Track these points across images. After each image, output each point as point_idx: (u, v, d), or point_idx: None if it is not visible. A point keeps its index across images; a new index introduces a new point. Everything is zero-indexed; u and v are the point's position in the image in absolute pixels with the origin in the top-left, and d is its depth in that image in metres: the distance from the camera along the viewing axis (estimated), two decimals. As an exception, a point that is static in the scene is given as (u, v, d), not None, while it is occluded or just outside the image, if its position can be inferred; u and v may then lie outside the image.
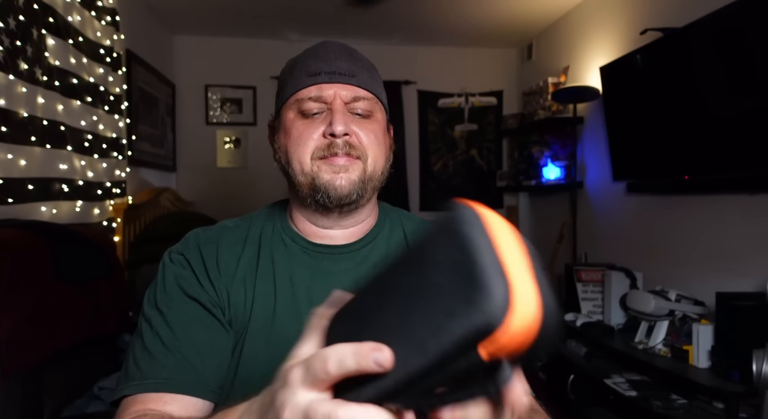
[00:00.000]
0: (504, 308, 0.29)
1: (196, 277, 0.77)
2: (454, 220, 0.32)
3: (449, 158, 4.43)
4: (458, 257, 0.31)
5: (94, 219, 2.39)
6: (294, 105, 0.79)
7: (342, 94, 0.77)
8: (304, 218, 0.83)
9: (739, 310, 1.82)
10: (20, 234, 1.62)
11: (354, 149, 0.77)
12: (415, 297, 0.32)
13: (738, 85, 2.03)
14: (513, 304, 0.29)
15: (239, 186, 3.97)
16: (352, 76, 0.78)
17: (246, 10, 3.48)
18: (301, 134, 0.77)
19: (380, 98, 0.83)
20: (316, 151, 0.77)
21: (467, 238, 0.31)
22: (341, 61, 0.79)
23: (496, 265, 0.30)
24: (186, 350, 0.72)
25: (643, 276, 2.61)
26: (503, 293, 0.29)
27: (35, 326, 1.52)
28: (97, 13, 2.51)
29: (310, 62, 0.79)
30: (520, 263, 0.31)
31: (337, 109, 0.76)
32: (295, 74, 0.80)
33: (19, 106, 1.83)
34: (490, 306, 0.29)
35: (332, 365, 0.32)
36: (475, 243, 0.31)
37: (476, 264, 0.30)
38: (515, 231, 0.33)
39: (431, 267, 0.32)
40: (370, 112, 0.80)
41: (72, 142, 2.18)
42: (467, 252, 0.30)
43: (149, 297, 0.78)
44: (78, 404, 1.79)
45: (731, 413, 1.73)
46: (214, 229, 0.84)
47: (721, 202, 2.23)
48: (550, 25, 3.83)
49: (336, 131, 0.75)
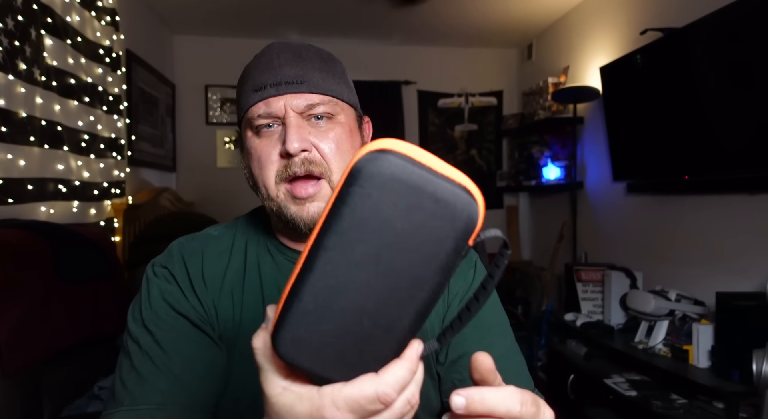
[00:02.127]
0: (473, 203, 0.33)
1: (183, 293, 0.73)
2: (371, 179, 0.32)
3: (449, 158, 4.42)
4: (409, 200, 0.32)
5: (91, 219, 2.38)
6: (247, 123, 0.73)
7: (293, 104, 0.70)
8: (282, 234, 0.80)
9: (739, 310, 1.82)
10: (20, 235, 1.62)
11: (315, 165, 0.70)
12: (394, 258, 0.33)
13: (738, 85, 2.03)
14: (474, 195, 0.33)
15: (239, 186, 3.94)
16: (300, 83, 0.71)
17: (246, 10, 3.48)
18: (260, 156, 0.72)
19: (340, 96, 0.74)
20: (277, 173, 0.71)
21: (399, 180, 0.32)
22: (286, 67, 0.71)
23: (439, 177, 0.33)
24: (179, 369, 0.68)
25: (643, 276, 2.61)
26: (464, 193, 0.33)
27: (35, 326, 1.52)
28: (96, 13, 2.51)
29: (255, 74, 0.72)
30: (441, 162, 0.33)
31: (290, 123, 0.70)
32: (244, 88, 0.73)
33: (18, 106, 1.83)
34: (464, 208, 0.33)
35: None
36: (407, 182, 0.32)
37: (429, 191, 0.32)
38: (409, 145, 0.33)
39: (387, 224, 0.33)
40: (331, 114, 0.73)
41: (69, 142, 2.18)
42: (413, 191, 0.32)
43: (134, 314, 0.73)
44: (78, 404, 1.79)
45: (731, 413, 1.73)
46: (198, 239, 0.80)
47: (721, 201, 2.23)
48: (550, 25, 3.83)
49: (290, 150, 0.68)
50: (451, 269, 0.34)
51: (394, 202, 0.32)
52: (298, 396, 0.37)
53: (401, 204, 0.32)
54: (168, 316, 0.72)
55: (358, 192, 0.32)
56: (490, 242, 3.87)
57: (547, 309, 3.23)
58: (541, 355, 3.21)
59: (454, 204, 0.32)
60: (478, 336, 0.76)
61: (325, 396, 0.36)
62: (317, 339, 0.35)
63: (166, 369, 0.68)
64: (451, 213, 0.32)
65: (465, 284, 0.82)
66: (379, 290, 0.34)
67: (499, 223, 4.43)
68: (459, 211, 0.33)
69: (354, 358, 0.36)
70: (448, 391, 0.76)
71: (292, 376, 0.38)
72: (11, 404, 1.47)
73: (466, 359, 0.74)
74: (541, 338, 3.20)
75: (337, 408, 0.35)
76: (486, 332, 0.77)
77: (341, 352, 0.35)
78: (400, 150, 0.32)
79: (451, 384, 0.75)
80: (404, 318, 0.35)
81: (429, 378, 0.77)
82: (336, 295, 0.34)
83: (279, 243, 0.80)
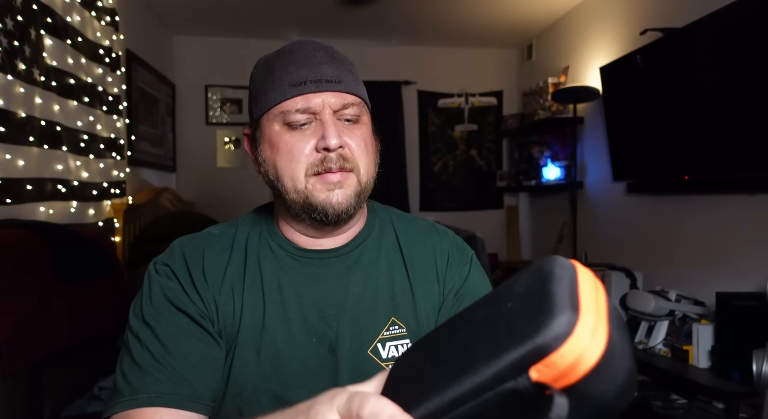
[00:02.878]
0: (564, 333, 0.28)
1: (183, 289, 0.75)
2: (543, 262, 0.33)
3: (449, 158, 4.43)
4: (535, 288, 0.31)
5: (90, 219, 2.38)
6: (278, 117, 0.74)
7: (331, 102, 0.73)
8: (293, 229, 0.80)
9: (739, 310, 1.82)
10: (20, 235, 1.62)
11: (347, 162, 0.73)
12: (484, 325, 0.33)
13: (738, 86, 2.03)
14: (575, 331, 0.28)
15: (239, 186, 3.96)
16: (338, 82, 0.74)
17: (246, 10, 3.48)
18: (292, 149, 0.73)
19: (366, 100, 0.79)
20: (309, 167, 0.73)
21: (549, 272, 0.31)
22: (325, 65, 0.74)
23: (571, 296, 0.30)
24: (177, 364, 0.69)
25: (643, 276, 2.61)
26: (567, 319, 0.28)
27: (35, 326, 1.52)
28: (96, 13, 2.51)
29: (292, 69, 0.73)
30: (598, 303, 0.30)
31: (328, 120, 0.72)
32: (276, 83, 0.74)
33: (18, 106, 1.83)
34: (550, 327, 0.28)
35: (366, 412, 0.33)
36: (555, 276, 0.31)
37: (549, 291, 0.30)
38: (601, 285, 0.32)
39: (507, 298, 0.33)
40: (358, 116, 0.76)
41: (67, 142, 2.18)
42: (545, 282, 0.31)
43: (135, 311, 0.75)
44: (78, 404, 1.79)
45: (731, 413, 1.73)
46: (199, 237, 0.82)
47: (721, 202, 2.23)
48: (550, 25, 3.83)
49: (331, 145, 0.71)
50: (498, 386, 0.30)
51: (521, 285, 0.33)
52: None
53: (520, 289, 0.33)
54: (168, 312, 0.73)
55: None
56: (492, 246, 3.87)
57: (547, 309, 3.23)
58: (541, 355, 3.21)
59: (551, 308, 0.30)
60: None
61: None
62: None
63: (165, 363, 0.69)
64: (541, 315, 0.30)
65: (460, 279, 0.83)
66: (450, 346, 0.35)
67: (499, 223, 4.43)
68: (548, 320, 0.29)
69: (407, 391, 0.36)
70: None
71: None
72: (11, 404, 1.47)
73: None
74: (541, 338, 3.19)
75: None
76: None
77: (407, 382, 0.37)
78: (576, 265, 0.32)
79: None
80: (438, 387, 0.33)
81: None
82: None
83: (281, 239, 0.81)
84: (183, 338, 0.71)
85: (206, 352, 0.72)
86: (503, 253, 4.38)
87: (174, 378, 0.68)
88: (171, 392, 0.67)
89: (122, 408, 0.66)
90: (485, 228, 4.05)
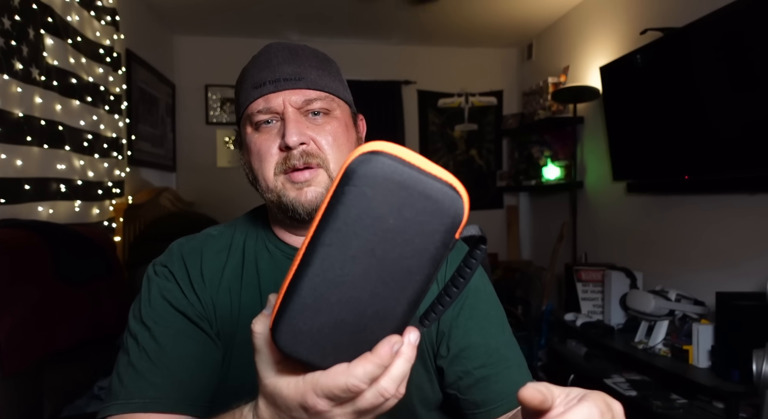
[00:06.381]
0: (459, 199, 0.36)
1: (181, 290, 0.75)
2: (368, 175, 0.35)
3: (449, 158, 4.42)
4: (400, 198, 0.35)
5: (93, 219, 2.38)
6: (247, 120, 0.76)
7: (291, 100, 0.73)
8: (282, 228, 0.81)
9: (739, 310, 1.82)
10: (20, 234, 1.62)
11: (313, 157, 0.73)
12: (384, 250, 0.36)
13: (738, 85, 2.03)
14: (460, 193, 0.36)
15: (239, 186, 3.93)
16: (298, 80, 0.74)
17: (246, 10, 3.48)
18: (260, 150, 0.75)
19: (336, 93, 0.78)
20: (276, 166, 0.74)
21: (391, 180, 0.35)
22: (285, 65, 0.75)
23: (427, 176, 0.35)
24: (174, 365, 0.70)
25: (643, 276, 2.61)
26: (450, 191, 0.35)
27: (35, 326, 1.52)
28: (96, 12, 2.51)
29: (254, 72, 0.76)
30: (429, 163, 0.36)
31: (289, 117, 0.73)
32: (243, 87, 0.77)
33: (14, 106, 1.83)
34: (451, 205, 0.35)
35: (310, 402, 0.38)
36: (400, 178, 0.35)
37: (419, 189, 0.35)
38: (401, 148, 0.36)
39: (374, 223, 0.35)
40: (327, 110, 0.76)
41: (70, 141, 2.18)
42: (405, 188, 0.35)
43: (134, 312, 0.75)
44: (78, 404, 1.79)
45: (731, 413, 1.73)
46: (198, 238, 0.82)
47: (721, 201, 2.23)
48: (550, 25, 3.82)
49: (290, 143, 0.71)
50: (440, 261, 0.37)
51: (387, 199, 0.34)
52: (286, 381, 0.42)
53: (393, 201, 0.34)
54: (166, 313, 0.73)
55: (352, 191, 0.34)
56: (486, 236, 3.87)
57: (547, 309, 3.23)
58: (541, 355, 3.21)
59: (441, 200, 0.35)
60: (478, 328, 0.78)
61: (307, 382, 0.40)
62: (315, 331, 0.38)
63: (161, 365, 0.69)
64: (439, 209, 0.35)
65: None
66: (373, 282, 0.36)
67: (499, 223, 4.43)
68: (446, 207, 0.35)
69: (350, 348, 0.38)
70: (452, 384, 0.78)
71: (285, 360, 0.42)
72: (11, 404, 1.47)
73: (468, 351, 0.76)
74: (541, 338, 3.19)
75: (316, 394, 0.39)
76: (485, 323, 0.79)
77: (338, 343, 0.38)
78: (390, 151, 0.35)
79: (455, 378, 0.77)
80: (397, 308, 0.38)
81: (423, 371, 0.79)
82: (333, 289, 0.36)
83: (277, 239, 0.82)
84: (181, 339, 0.72)
85: (203, 354, 0.73)
86: (503, 253, 4.38)
87: (169, 381, 0.68)
88: (166, 396, 0.68)
89: (116, 411, 0.67)
90: (485, 227, 4.05)
